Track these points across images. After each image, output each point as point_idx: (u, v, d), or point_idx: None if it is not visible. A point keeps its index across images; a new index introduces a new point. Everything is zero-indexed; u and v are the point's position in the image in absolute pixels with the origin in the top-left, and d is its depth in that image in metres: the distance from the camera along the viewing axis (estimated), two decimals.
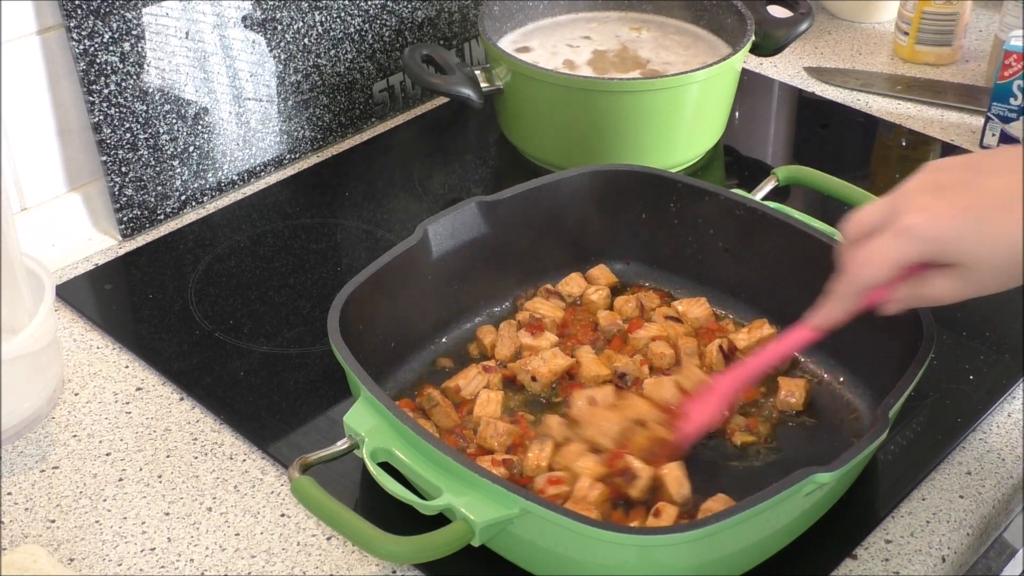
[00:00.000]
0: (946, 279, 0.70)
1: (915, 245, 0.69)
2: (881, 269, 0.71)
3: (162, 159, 1.12)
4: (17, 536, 0.82)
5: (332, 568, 0.79)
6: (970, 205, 0.67)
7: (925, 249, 0.69)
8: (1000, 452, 0.88)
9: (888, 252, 0.70)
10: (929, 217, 0.68)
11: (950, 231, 0.68)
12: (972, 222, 0.67)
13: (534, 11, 1.30)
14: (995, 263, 0.67)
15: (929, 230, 0.68)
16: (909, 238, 0.69)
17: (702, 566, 0.74)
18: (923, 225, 0.68)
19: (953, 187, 0.69)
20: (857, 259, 0.73)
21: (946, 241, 0.68)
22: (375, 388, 0.78)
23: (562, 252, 1.02)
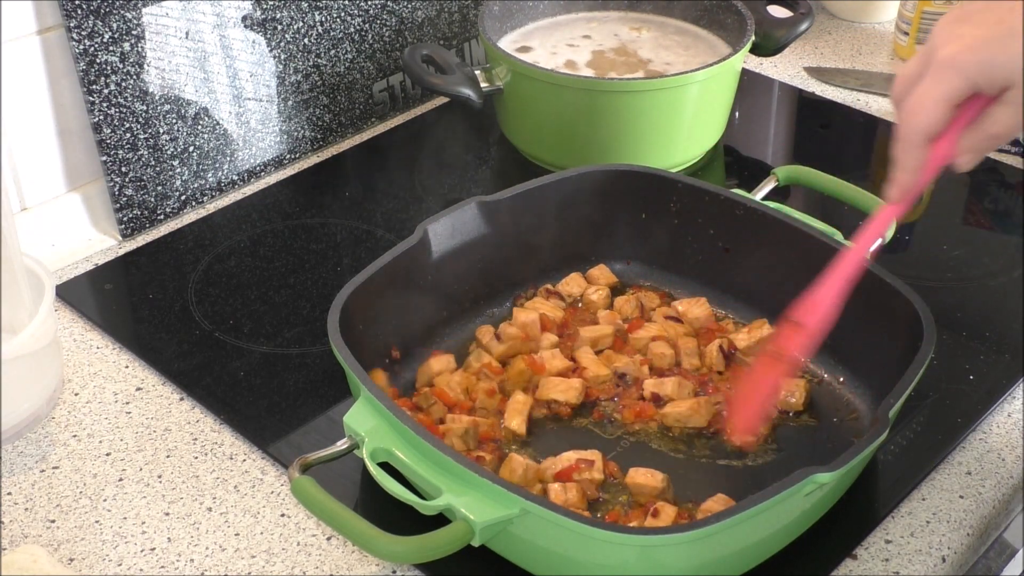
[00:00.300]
0: (1005, 109, 0.68)
1: (958, 75, 0.67)
2: (933, 111, 0.69)
3: (162, 159, 1.12)
4: (17, 536, 0.82)
5: (332, 568, 0.79)
6: (1000, 20, 0.66)
7: (968, 76, 0.67)
8: (1000, 452, 0.88)
9: (934, 91, 0.68)
10: (963, 44, 0.67)
11: (987, 50, 0.66)
12: (1006, 35, 0.65)
13: (534, 11, 1.30)
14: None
15: (966, 55, 0.67)
16: (949, 70, 0.67)
17: (702, 566, 0.74)
18: (959, 52, 0.67)
19: (979, 11, 0.67)
20: (906, 109, 0.70)
21: (986, 62, 0.66)
22: (375, 388, 0.78)
23: (562, 252, 1.02)
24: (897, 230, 0.98)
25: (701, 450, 0.87)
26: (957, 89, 0.68)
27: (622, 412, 0.89)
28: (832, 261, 0.79)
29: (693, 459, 0.86)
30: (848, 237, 0.94)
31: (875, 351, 0.89)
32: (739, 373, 0.91)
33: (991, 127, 0.69)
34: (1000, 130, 0.69)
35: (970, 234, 1.14)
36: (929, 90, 0.68)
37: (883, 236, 0.79)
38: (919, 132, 0.70)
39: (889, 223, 0.78)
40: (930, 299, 0.86)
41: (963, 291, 1.05)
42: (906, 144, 0.71)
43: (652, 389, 0.90)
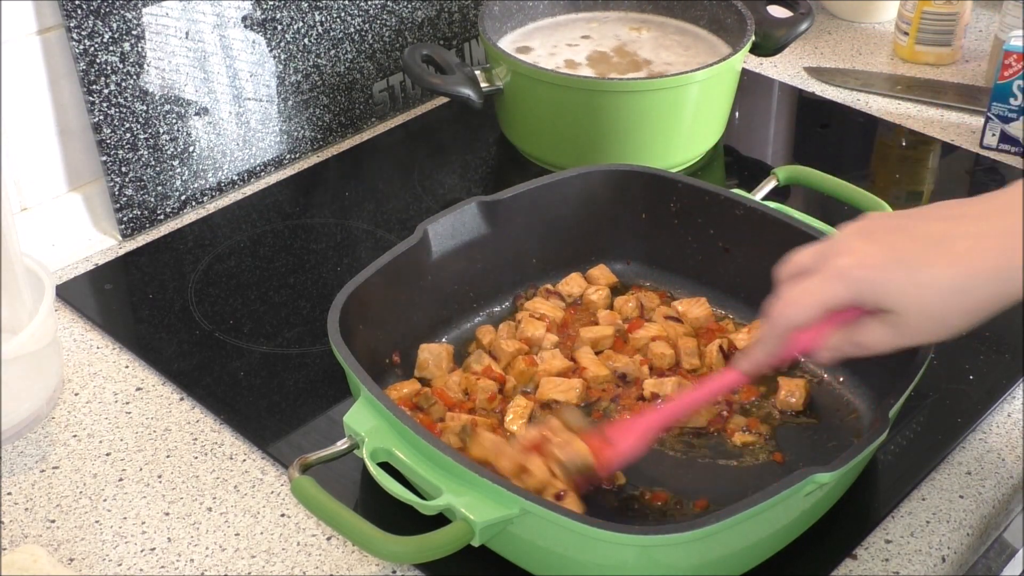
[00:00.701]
0: (879, 326, 0.69)
1: (842, 286, 0.68)
2: (805, 309, 0.70)
3: (162, 159, 1.12)
4: (17, 536, 0.82)
5: (332, 568, 0.79)
6: (899, 247, 0.67)
7: (851, 290, 0.68)
8: (1000, 452, 0.88)
9: (816, 294, 0.69)
10: (857, 259, 0.68)
11: (877, 273, 0.67)
12: (900, 265, 0.66)
13: (534, 11, 1.30)
14: (924, 310, 0.66)
15: (856, 271, 0.67)
16: (836, 279, 0.68)
17: (702, 566, 0.74)
18: (850, 266, 0.68)
19: (886, 231, 0.69)
20: (783, 300, 0.72)
21: (873, 283, 0.67)
22: (375, 388, 0.78)
23: (562, 252, 1.02)
24: None
25: (701, 450, 0.87)
26: (839, 299, 0.69)
27: (622, 412, 0.89)
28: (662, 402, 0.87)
29: (693, 459, 0.86)
30: None
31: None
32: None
33: (862, 337, 0.70)
34: (870, 343, 0.70)
35: None
36: (812, 290, 0.70)
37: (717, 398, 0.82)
38: (788, 324, 0.72)
39: (727, 388, 0.80)
40: None
41: None
42: (772, 329, 0.73)
43: (652, 389, 0.90)
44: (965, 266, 0.64)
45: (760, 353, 0.75)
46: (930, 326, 0.67)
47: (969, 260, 0.64)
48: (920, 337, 0.69)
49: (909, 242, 0.66)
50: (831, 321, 0.71)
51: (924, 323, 0.67)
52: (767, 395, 0.91)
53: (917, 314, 0.66)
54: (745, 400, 0.90)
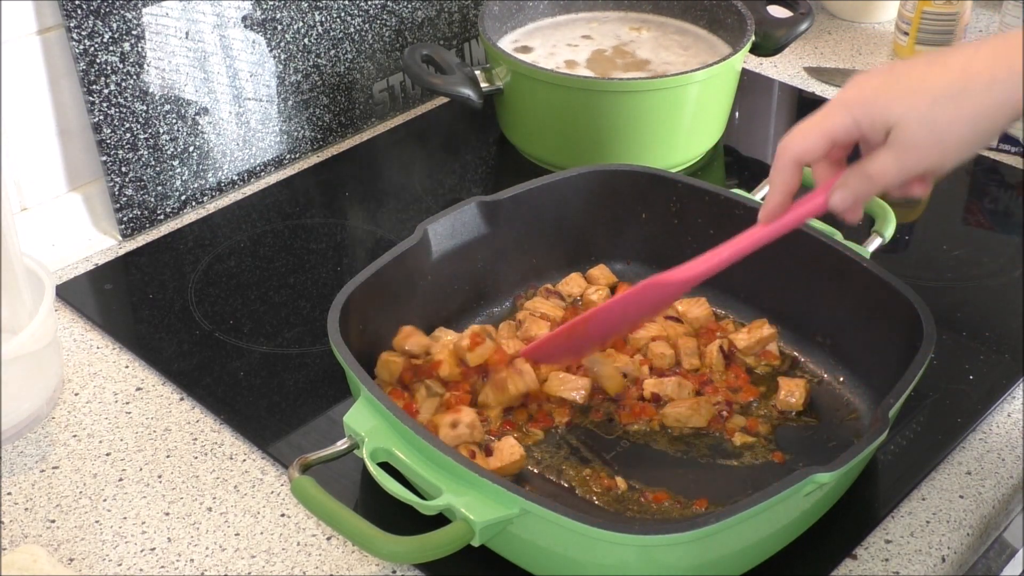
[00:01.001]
0: (883, 152, 0.70)
1: (842, 111, 0.70)
2: (810, 139, 0.72)
3: (162, 159, 1.12)
4: (17, 536, 0.82)
5: (332, 568, 0.79)
6: (891, 70, 0.69)
7: (851, 114, 0.70)
8: (1000, 452, 0.88)
9: (818, 122, 0.72)
10: (855, 87, 0.70)
11: (873, 93, 0.69)
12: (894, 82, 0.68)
13: (534, 11, 1.30)
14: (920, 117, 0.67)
15: (855, 96, 0.70)
16: (839, 107, 0.71)
17: (702, 566, 0.74)
18: (850, 95, 0.70)
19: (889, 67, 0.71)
20: (789, 135, 0.74)
21: (870, 102, 0.69)
22: (375, 388, 0.78)
23: (562, 252, 1.02)
24: (897, 230, 0.98)
25: (701, 450, 0.87)
26: (841, 126, 0.71)
27: (621, 412, 0.89)
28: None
29: (693, 459, 0.86)
30: (848, 237, 0.94)
31: (875, 351, 0.89)
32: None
33: (870, 166, 0.71)
34: (877, 170, 0.71)
35: (970, 234, 1.14)
36: (816, 121, 0.72)
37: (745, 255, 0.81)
38: (793, 156, 0.73)
39: (752, 245, 0.80)
40: (930, 299, 0.86)
41: (963, 291, 1.05)
42: (779, 164, 0.74)
43: (652, 389, 0.90)
44: (959, 72, 0.66)
45: (773, 198, 0.76)
46: (928, 136, 0.67)
47: (963, 68, 0.66)
48: (921, 151, 0.69)
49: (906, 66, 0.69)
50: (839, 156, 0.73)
51: (921, 132, 0.67)
52: (767, 395, 0.91)
53: (913, 121, 0.67)
54: (745, 400, 0.90)
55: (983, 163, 1.24)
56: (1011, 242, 1.12)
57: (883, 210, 0.98)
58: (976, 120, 0.66)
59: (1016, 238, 1.13)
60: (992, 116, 0.66)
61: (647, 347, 0.94)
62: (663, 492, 0.83)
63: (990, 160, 1.24)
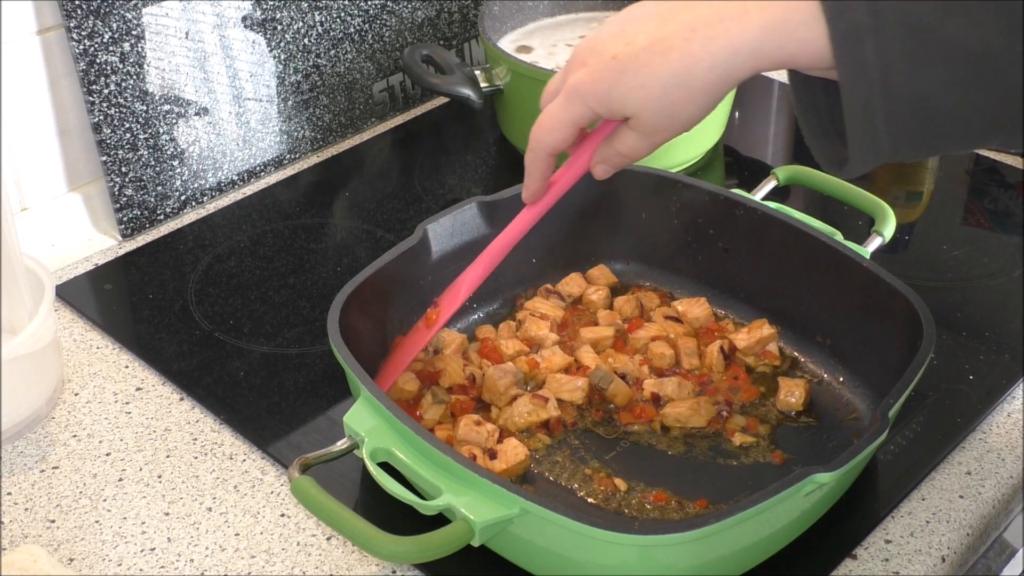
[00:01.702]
0: (628, 132, 0.73)
1: (578, 102, 0.72)
2: (559, 131, 0.74)
3: (162, 159, 1.12)
4: (17, 536, 0.82)
5: (332, 568, 0.79)
6: (617, 55, 0.69)
7: (588, 104, 0.71)
8: (1000, 452, 0.88)
9: (561, 113, 0.73)
10: (587, 74, 0.71)
11: (604, 86, 0.70)
12: (622, 74, 0.69)
13: (534, 11, 1.30)
14: (653, 106, 0.69)
15: (588, 85, 0.71)
16: (575, 97, 0.72)
17: (702, 566, 0.74)
18: (583, 82, 0.71)
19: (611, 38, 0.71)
20: (538, 123, 0.75)
21: (603, 95, 0.70)
22: (375, 388, 0.78)
23: (562, 252, 1.02)
24: (897, 230, 0.98)
25: (701, 450, 0.87)
26: (581, 115, 0.73)
27: (621, 413, 0.89)
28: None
29: (693, 459, 0.86)
30: (848, 237, 0.94)
31: (875, 351, 0.89)
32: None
33: (619, 146, 0.74)
34: (627, 150, 0.74)
35: (970, 234, 1.14)
36: (558, 112, 0.73)
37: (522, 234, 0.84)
38: (545, 148, 0.76)
39: (527, 225, 0.83)
40: (930, 299, 0.86)
41: (963, 291, 1.05)
42: (533, 156, 0.77)
43: (652, 389, 0.90)
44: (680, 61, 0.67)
45: (533, 183, 0.79)
46: (666, 120, 0.70)
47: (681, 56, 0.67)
48: (663, 132, 0.72)
49: (624, 47, 0.69)
50: (592, 139, 0.76)
51: (659, 118, 0.70)
52: (767, 395, 0.91)
53: (650, 111, 0.70)
54: (745, 400, 0.90)
55: (983, 163, 1.24)
56: (1011, 242, 1.12)
57: (883, 210, 0.98)
58: (705, 96, 0.69)
59: (1016, 238, 1.13)
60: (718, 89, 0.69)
61: (647, 347, 0.94)
62: (663, 492, 0.82)
63: (990, 160, 1.24)
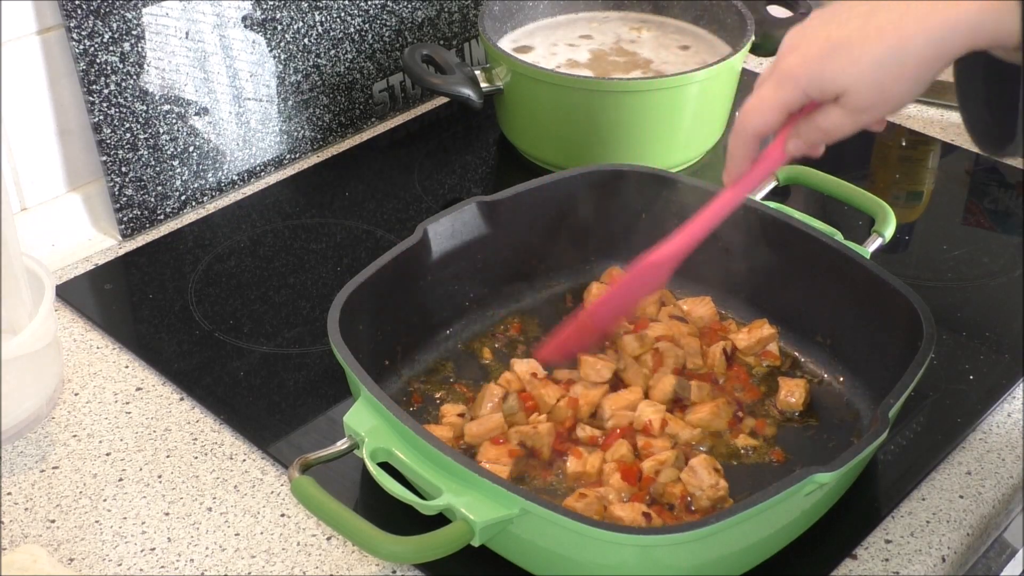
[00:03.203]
0: (835, 108, 0.73)
1: (791, 85, 0.73)
2: (768, 115, 0.75)
3: (162, 159, 1.12)
4: (17, 536, 0.82)
5: (332, 568, 0.79)
6: (829, 36, 0.71)
7: (801, 86, 0.73)
8: (1000, 452, 0.88)
9: (772, 98, 0.75)
10: (795, 60, 0.73)
11: (818, 65, 0.72)
12: (836, 52, 0.71)
13: (534, 11, 1.30)
14: (867, 83, 0.71)
15: (801, 68, 0.73)
16: (788, 80, 0.73)
17: (702, 566, 0.74)
18: (796, 65, 0.73)
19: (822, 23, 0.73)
20: (746, 108, 0.76)
21: (817, 75, 0.72)
22: (375, 388, 0.78)
23: (562, 252, 1.02)
24: (897, 230, 0.98)
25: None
26: (793, 98, 0.74)
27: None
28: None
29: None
30: (848, 237, 0.94)
31: (875, 351, 0.89)
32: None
33: (823, 122, 0.75)
34: (830, 126, 0.75)
35: (970, 234, 1.14)
36: (768, 96, 0.75)
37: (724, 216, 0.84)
38: (752, 131, 0.77)
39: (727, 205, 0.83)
40: (930, 299, 0.86)
41: (963, 291, 1.05)
42: (738, 139, 0.78)
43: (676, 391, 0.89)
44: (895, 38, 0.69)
45: (734, 165, 0.80)
46: (878, 97, 0.72)
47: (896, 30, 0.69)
48: (873, 110, 0.73)
49: (841, 29, 0.71)
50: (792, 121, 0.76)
51: (871, 95, 0.72)
52: (768, 395, 0.91)
53: (863, 87, 0.71)
54: (747, 400, 0.90)
55: (983, 163, 1.24)
56: (1011, 242, 1.12)
57: (883, 210, 0.99)
58: (918, 74, 0.70)
59: (1016, 238, 1.13)
60: (932, 66, 0.70)
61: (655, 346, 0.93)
62: None
63: (990, 160, 1.24)
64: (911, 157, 1.28)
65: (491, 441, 0.84)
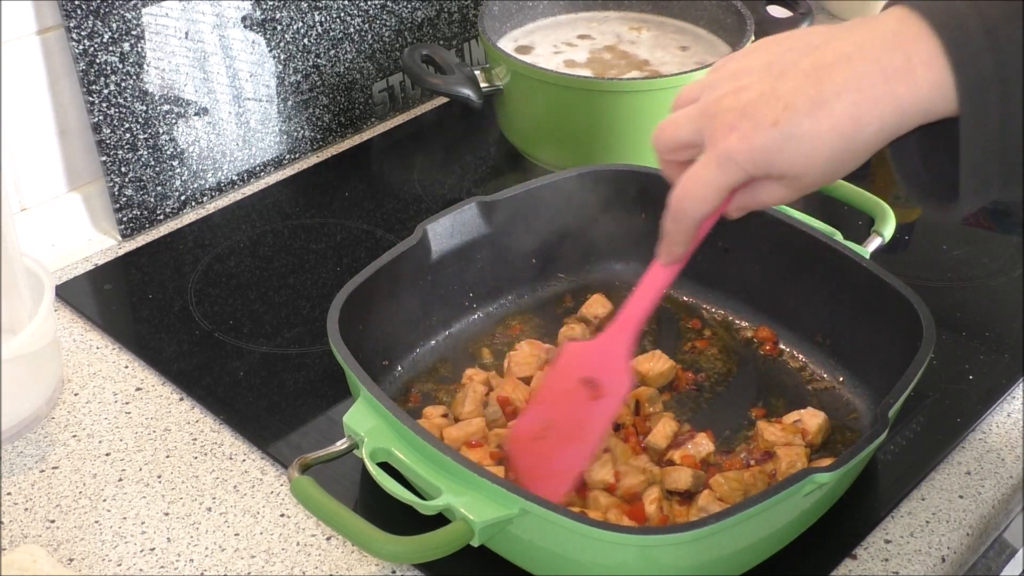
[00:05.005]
0: (775, 186, 0.70)
1: (734, 171, 0.69)
2: (707, 201, 0.71)
3: (162, 159, 1.12)
4: (17, 536, 0.82)
5: (332, 568, 0.79)
6: (777, 122, 0.67)
7: (745, 171, 0.69)
8: (1000, 452, 0.88)
9: (711, 182, 0.70)
10: (740, 139, 0.68)
11: (764, 152, 0.67)
12: (782, 140, 0.66)
13: (534, 11, 1.30)
14: (816, 167, 0.67)
15: (744, 155, 0.68)
16: (728, 164, 0.69)
17: (702, 566, 0.74)
18: (737, 150, 0.68)
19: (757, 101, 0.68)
20: (684, 192, 0.72)
21: (764, 162, 0.68)
22: (375, 388, 0.78)
23: (562, 252, 1.02)
24: (897, 230, 0.98)
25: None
26: (736, 181, 0.69)
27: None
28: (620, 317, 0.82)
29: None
30: (848, 237, 0.94)
31: (875, 351, 0.89)
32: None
33: (762, 197, 0.71)
34: (770, 200, 0.72)
35: (970, 234, 1.14)
36: (709, 179, 0.70)
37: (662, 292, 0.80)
38: (695, 217, 0.72)
39: (664, 283, 0.79)
40: (930, 299, 0.86)
41: (963, 291, 1.05)
42: (678, 225, 0.73)
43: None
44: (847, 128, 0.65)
45: (676, 248, 0.76)
46: (827, 178, 0.69)
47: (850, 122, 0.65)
48: (815, 186, 0.70)
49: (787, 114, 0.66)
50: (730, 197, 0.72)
51: (818, 178, 0.68)
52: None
53: (813, 174, 0.68)
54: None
55: None
56: (1011, 242, 1.12)
57: (883, 210, 0.98)
58: (867, 154, 0.67)
59: (1016, 238, 1.12)
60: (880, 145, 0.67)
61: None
62: None
63: None
64: None
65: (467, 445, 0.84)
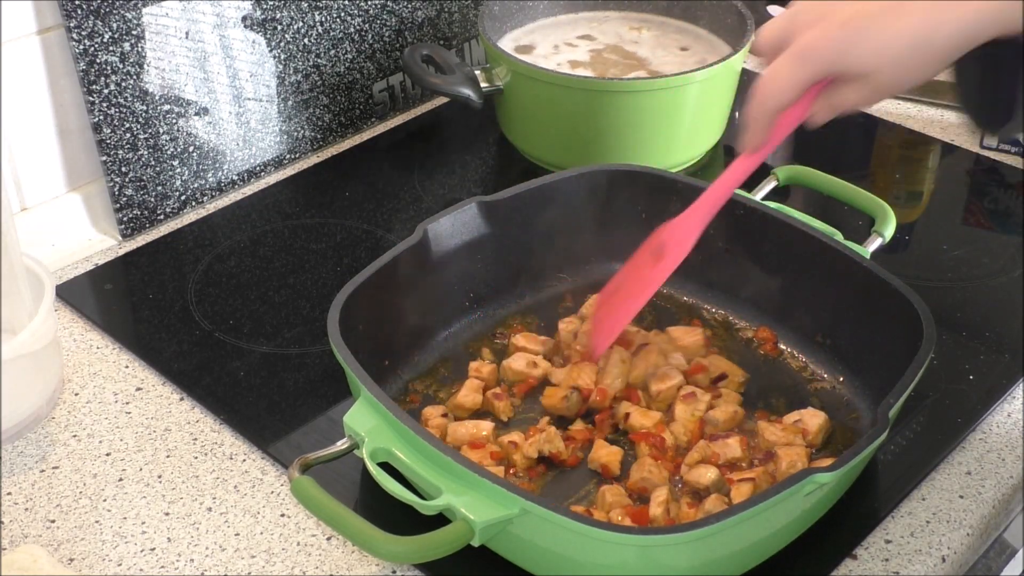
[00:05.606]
0: (852, 88, 0.72)
1: (810, 65, 0.71)
2: (787, 92, 0.73)
3: (162, 159, 1.12)
4: (17, 536, 0.82)
5: (332, 568, 0.79)
6: (853, 17, 0.69)
7: (820, 68, 0.71)
8: (1000, 452, 0.88)
9: (787, 75, 0.73)
10: (818, 36, 0.70)
11: (842, 45, 0.70)
12: (861, 32, 0.69)
13: (534, 11, 1.30)
14: (889, 67, 0.69)
15: (820, 50, 0.70)
16: (804, 59, 0.71)
17: (702, 566, 0.74)
18: (813, 45, 0.71)
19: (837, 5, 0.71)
20: (764, 83, 0.74)
21: (840, 54, 0.70)
22: (375, 388, 0.78)
23: (562, 252, 1.02)
24: (897, 230, 0.98)
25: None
26: (813, 75, 0.72)
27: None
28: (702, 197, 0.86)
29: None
30: (848, 237, 0.94)
31: (875, 351, 0.89)
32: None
33: (839, 100, 0.74)
34: (845, 103, 0.74)
35: (970, 234, 1.14)
36: (787, 73, 0.73)
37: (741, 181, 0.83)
38: (772, 107, 0.75)
39: (745, 171, 0.82)
40: (930, 299, 0.86)
41: (963, 291, 1.05)
42: (758, 114, 0.76)
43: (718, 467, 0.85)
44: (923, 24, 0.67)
45: (754, 137, 0.78)
46: (899, 80, 0.71)
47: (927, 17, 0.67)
48: (892, 89, 0.72)
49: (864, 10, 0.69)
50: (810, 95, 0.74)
51: (893, 79, 0.70)
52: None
53: (886, 72, 0.70)
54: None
55: (983, 163, 1.24)
56: (1011, 242, 1.12)
57: (883, 210, 0.99)
58: (943, 59, 0.69)
59: (1016, 238, 1.13)
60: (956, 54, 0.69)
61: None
62: None
63: (990, 160, 1.24)
64: (911, 157, 1.28)
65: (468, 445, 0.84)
